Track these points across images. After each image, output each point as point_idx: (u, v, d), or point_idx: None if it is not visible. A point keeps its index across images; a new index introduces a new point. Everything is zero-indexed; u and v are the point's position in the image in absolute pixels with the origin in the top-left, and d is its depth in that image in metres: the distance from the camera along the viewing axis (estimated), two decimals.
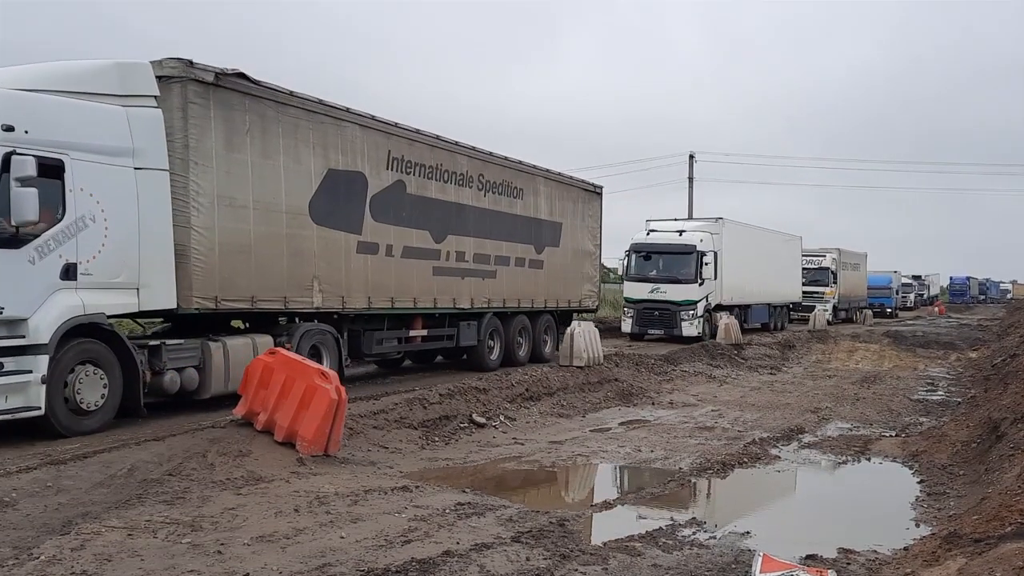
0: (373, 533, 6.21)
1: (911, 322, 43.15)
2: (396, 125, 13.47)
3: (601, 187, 20.36)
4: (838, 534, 6.78)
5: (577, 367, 15.07)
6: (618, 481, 9.40)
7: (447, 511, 6.92)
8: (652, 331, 25.14)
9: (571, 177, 19.21)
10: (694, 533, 6.75)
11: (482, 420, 11.41)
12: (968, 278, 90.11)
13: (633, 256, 25.88)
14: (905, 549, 6.34)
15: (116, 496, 6.80)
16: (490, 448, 10.18)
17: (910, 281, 67.68)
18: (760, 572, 5.06)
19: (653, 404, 14.19)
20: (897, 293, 55.17)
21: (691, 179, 41.14)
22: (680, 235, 25.59)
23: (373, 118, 12.97)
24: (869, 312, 44.53)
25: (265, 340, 10.97)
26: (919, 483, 8.88)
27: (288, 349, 10.62)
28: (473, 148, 15.43)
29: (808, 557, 5.94)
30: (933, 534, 6.64)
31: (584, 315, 20.74)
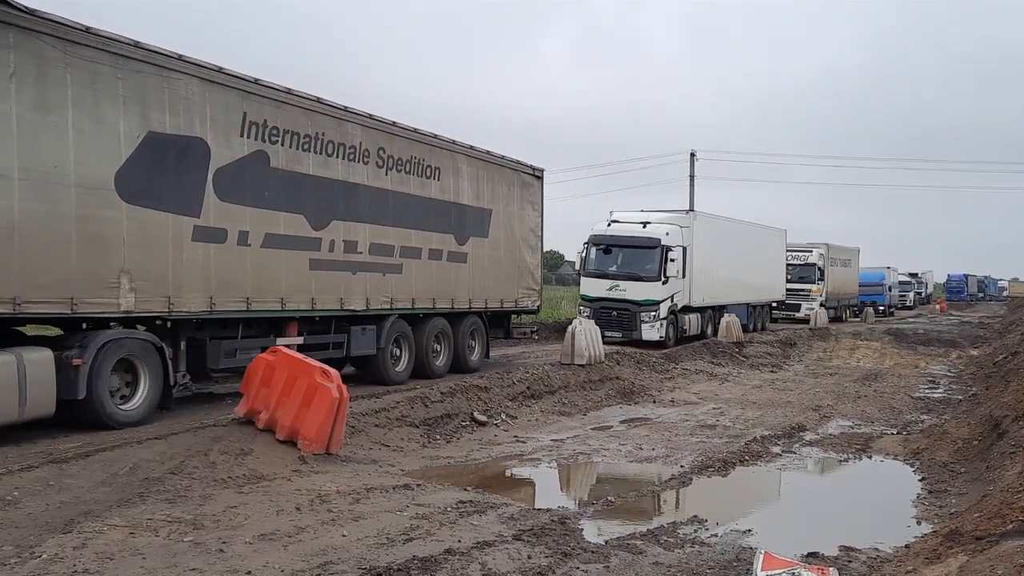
0: (375, 531, 6.23)
1: (912, 320, 43.07)
2: (256, 82, 10.82)
3: (542, 170, 17.67)
4: (839, 532, 6.79)
5: (578, 365, 15.06)
6: (619, 479, 9.40)
7: (449, 509, 6.93)
8: (609, 333, 21.91)
9: (503, 156, 16.31)
10: (695, 531, 6.76)
11: (483, 418, 11.42)
12: (965, 275, 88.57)
13: (592, 249, 23.03)
14: (906, 547, 6.34)
15: (118, 495, 6.81)
16: (492, 446, 10.19)
17: (907, 279, 64.04)
18: (761, 570, 5.06)
19: (654, 402, 14.19)
20: (890, 290, 52.25)
21: (692, 177, 40.95)
22: (644, 227, 22.70)
23: (220, 71, 10.31)
24: (871, 310, 43.73)
25: (40, 356, 8.45)
26: (920, 481, 8.88)
27: (78, 364, 8.65)
28: (370, 116, 12.77)
29: (809, 555, 5.95)
30: (934, 532, 6.64)
31: (523, 316, 18.58)
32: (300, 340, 11.65)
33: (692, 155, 41.20)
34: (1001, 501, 6.40)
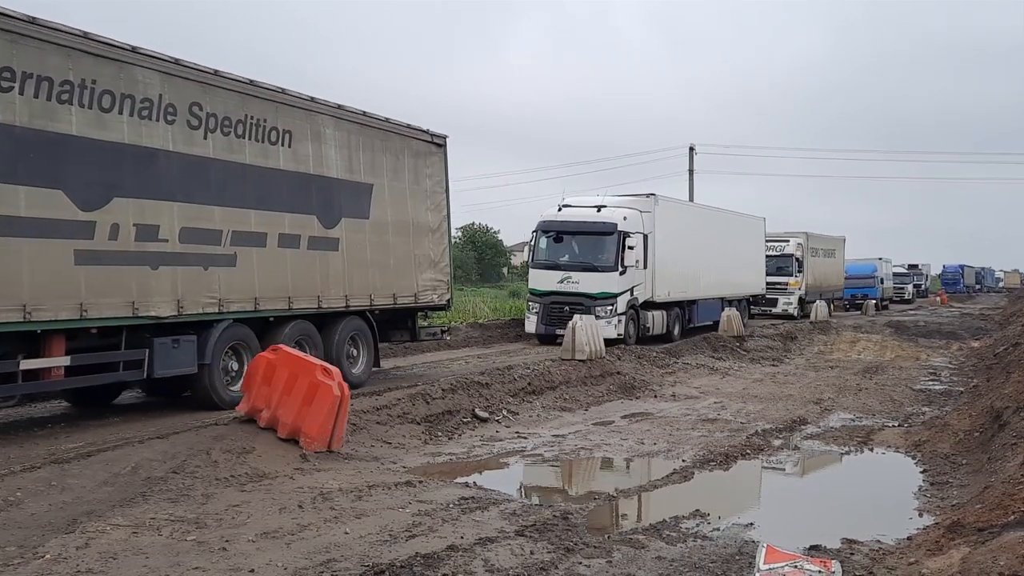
0: (377, 528, 6.24)
1: (913, 312, 42.96)
2: None
3: (444, 137, 14.66)
4: (841, 524, 6.80)
5: (579, 360, 15.07)
6: (621, 474, 9.40)
7: (451, 506, 6.94)
8: (561, 331, 18.51)
9: (387, 119, 13.34)
10: (697, 525, 6.76)
11: (485, 415, 11.43)
12: (961, 266, 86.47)
13: (541, 237, 20.69)
14: (908, 539, 6.35)
15: (120, 494, 6.83)
16: (493, 442, 10.20)
17: (905, 271, 60.20)
18: (764, 563, 5.07)
19: (656, 397, 14.20)
20: (882, 283, 47.58)
21: (692, 171, 41.04)
22: (598, 211, 20.40)
23: None
24: (871, 303, 42.94)
25: None
26: (922, 473, 8.89)
27: None
28: (175, 61, 9.85)
29: (812, 548, 5.95)
30: (936, 524, 6.64)
31: (431, 314, 15.82)
32: (65, 361, 8.78)
33: (691, 149, 41.26)
34: (1003, 492, 6.40)
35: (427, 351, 17.65)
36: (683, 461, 9.23)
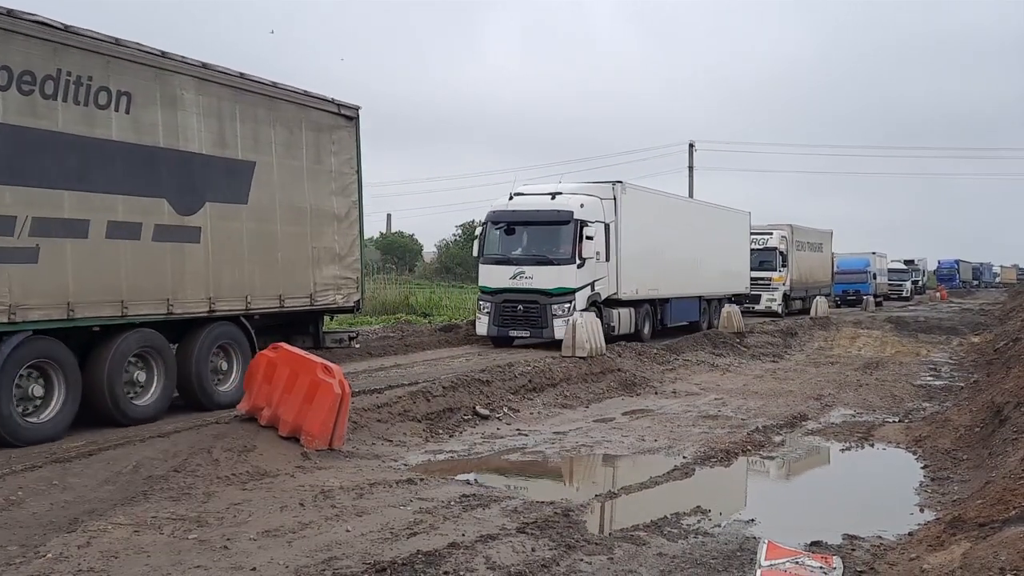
0: (379, 526, 6.24)
1: (913, 307, 42.91)
2: None
3: (356, 108, 12.59)
4: (843, 520, 6.80)
5: (580, 357, 15.08)
6: (622, 471, 9.41)
7: (452, 503, 6.95)
8: (515, 332, 17.81)
9: (274, 84, 11.19)
10: (699, 521, 6.77)
11: (486, 412, 11.44)
12: (957, 261, 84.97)
13: (491, 229, 18.56)
14: (910, 534, 6.36)
15: (122, 493, 6.84)
16: (494, 440, 10.20)
17: (902, 267, 57.83)
18: (765, 559, 5.07)
19: (656, 393, 14.20)
20: (875, 278, 45.54)
21: (691, 168, 41.06)
22: (552, 199, 18.27)
23: None
24: (871, 299, 42.45)
25: None
26: (923, 468, 8.90)
27: None
28: None
29: (813, 543, 5.97)
30: (937, 519, 6.65)
31: (337, 316, 13.89)
32: None
33: (691, 146, 41.31)
34: (1003, 488, 6.40)
35: (427, 348, 17.63)
36: (684, 458, 9.24)
